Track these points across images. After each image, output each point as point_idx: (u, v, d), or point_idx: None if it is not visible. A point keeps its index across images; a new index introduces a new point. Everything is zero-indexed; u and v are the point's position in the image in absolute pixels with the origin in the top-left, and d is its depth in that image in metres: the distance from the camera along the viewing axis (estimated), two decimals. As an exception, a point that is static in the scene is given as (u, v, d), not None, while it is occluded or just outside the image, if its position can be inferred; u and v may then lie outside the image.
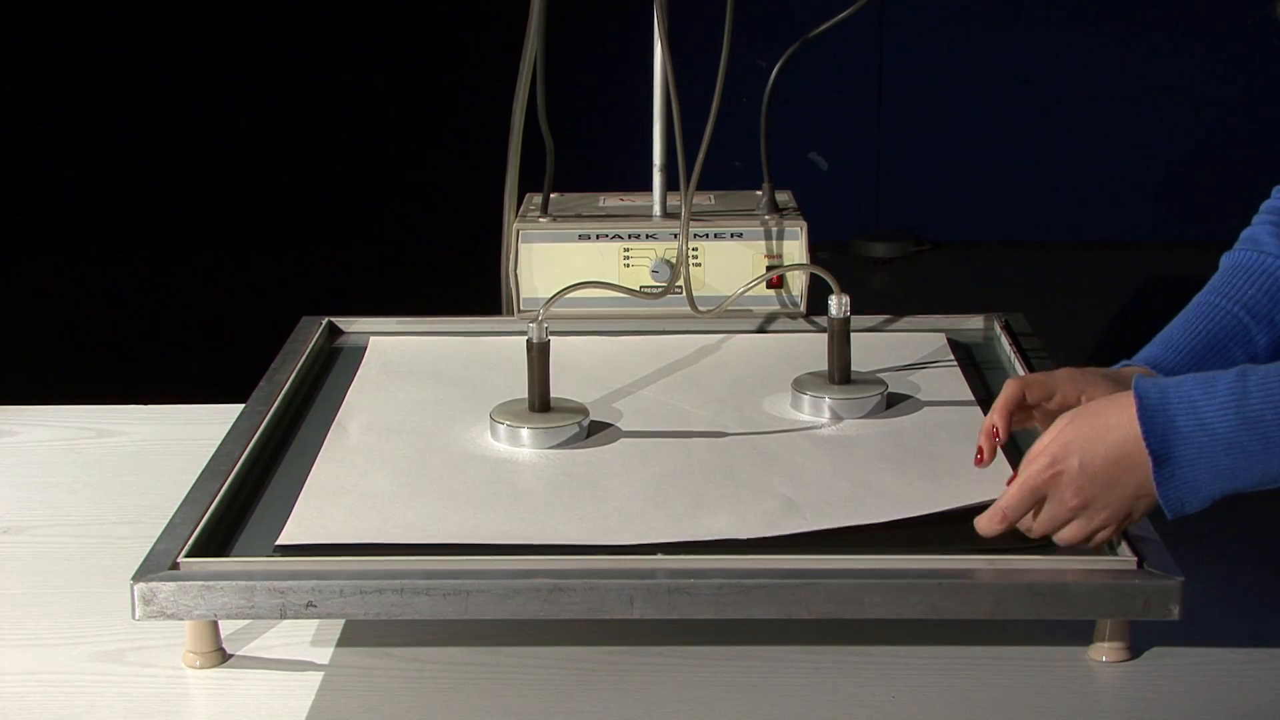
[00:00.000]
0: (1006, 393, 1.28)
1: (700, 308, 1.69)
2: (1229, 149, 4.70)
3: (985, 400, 1.52)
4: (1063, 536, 1.20)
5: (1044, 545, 1.22)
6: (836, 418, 1.47)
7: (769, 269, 1.71)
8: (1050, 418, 1.25)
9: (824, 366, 1.52)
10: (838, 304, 1.50)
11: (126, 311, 4.30)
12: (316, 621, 1.30)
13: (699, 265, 1.72)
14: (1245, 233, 1.43)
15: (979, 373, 1.62)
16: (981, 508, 1.22)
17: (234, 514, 1.32)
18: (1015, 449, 1.34)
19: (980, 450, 1.27)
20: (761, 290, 1.72)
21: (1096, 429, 1.18)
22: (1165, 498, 1.17)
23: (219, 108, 4.78)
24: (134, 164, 4.80)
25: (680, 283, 1.69)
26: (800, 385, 1.51)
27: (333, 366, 1.66)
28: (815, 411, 1.48)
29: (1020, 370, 1.57)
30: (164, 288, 4.48)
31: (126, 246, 4.68)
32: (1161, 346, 1.36)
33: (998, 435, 1.26)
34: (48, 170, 4.79)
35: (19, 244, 4.66)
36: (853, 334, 1.50)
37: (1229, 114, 4.59)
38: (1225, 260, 1.42)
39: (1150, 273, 4.11)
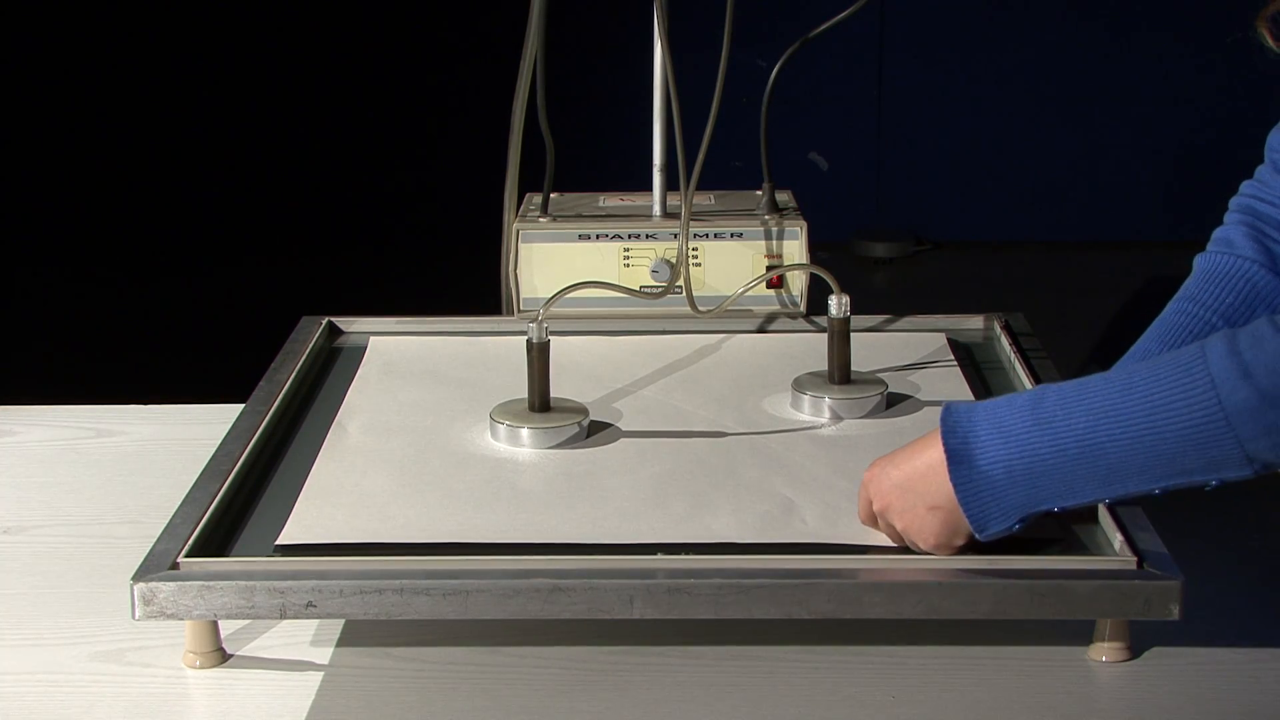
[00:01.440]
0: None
1: (700, 308, 1.69)
2: (1228, 149, 4.70)
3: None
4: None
5: (1044, 545, 1.22)
6: (836, 418, 1.47)
7: (769, 269, 1.71)
8: None
9: (824, 366, 1.52)
10: (838, 304, 1.50)
11: (127, 311, 4.30)
12: (316, 621, 1.30)
13: (699, 265, 1.72)
14: (1218, 233, 1.41)
15: (979, 373, 1.62)
16: None
17: (234, 514, 1.32)
18: None
19: None
20: (761, 290, 1.72)
21: (908, 450, 1.22)
22: (965, 502, 1.16)
23: (219, 108, 4.78)
24: (134, 164, 4.80)
25: (680, 283, 1.69)
26: (800, 385, 1.51)
27: (333, 366, 1.66)
28: (815, 411, 1.48)
29: (1022, 371, 1.56)
30: (164, 288, 4.48)
31: (126, 246, 4.68)
32: (1139, 359, 1.34)
33: None
34: (48, 170, 4.79)
35: (19, 244, 4.66)
36: (853, 334, 1.50)
37: (1228, 114, 4.59)
38: (1199, 263, 1.40)
39: (1150, 273, 4.11)
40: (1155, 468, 1.11)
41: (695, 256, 1.72)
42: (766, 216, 1.74)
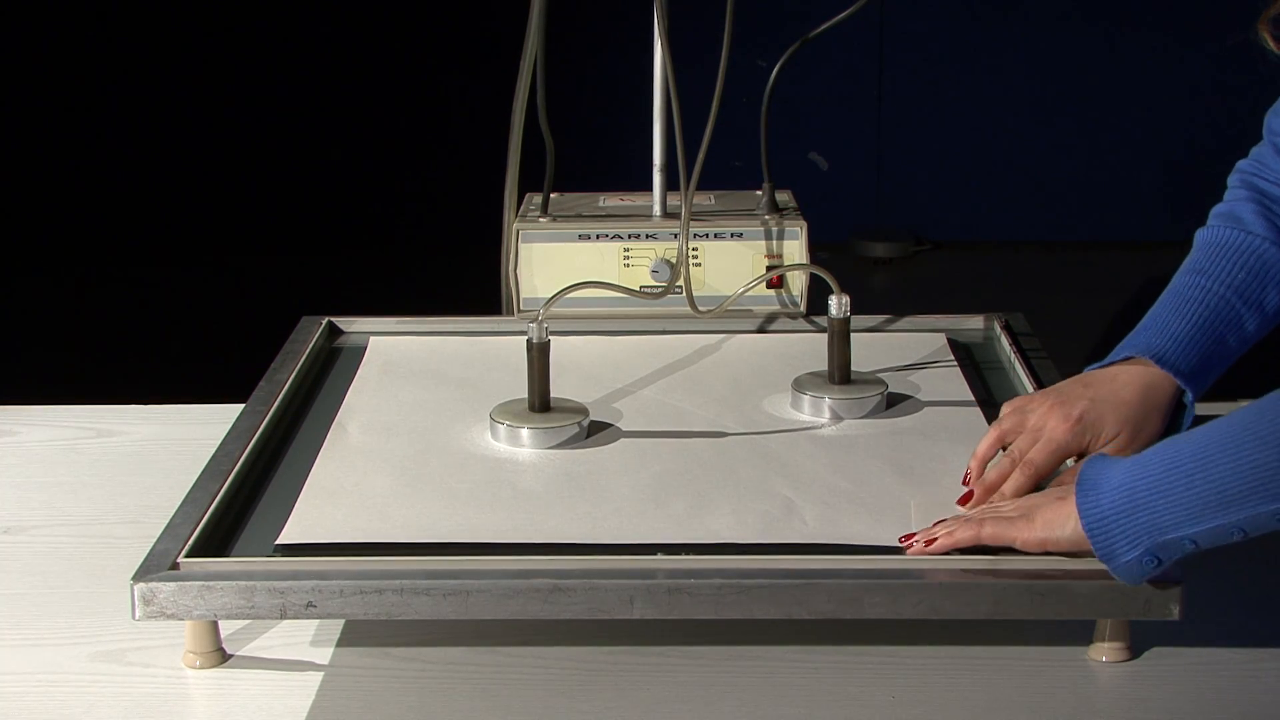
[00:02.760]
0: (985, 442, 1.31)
1: (700, 308, 1.69)
2: (1228, 149, 4.69)
3: (985, 400, 1.52)
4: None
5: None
6: (836, 418, 1.47)
7: (769, 269, 1.71)
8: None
9: (824, 366, 1.52)
10: (838, 304, 1.50)
11: (127, 311, 4.30)
12: (316, 621, 1.30)
13: (699, 265, 1.72)
14: (1220, 209, 1.40)
15: (979, 373, 1.62)
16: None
17: (234, 514, 1.32)
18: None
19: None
20: (761, 290, 1.72)
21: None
22: (1090, 529, 1.15)
23: (219, 108, 4.78)
24: (134, 164, 4.79)
25: (680, 283, 1.69)
26: (800, 385, 1.51)
27: (333, 366, 1.66)
28: (815, 411, 1.48)
29: (1022, 371, 1.56)
30: (164, 288, 4.48)
31: (127, 247, 4.68)
32: (1159, 335, 1.34)
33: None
34: (48, 171, 4.79)
35: (20, 245, 4.66)
36: (853, 334, 1.50)
37: (1228, 114, 4.59)
38: (1204, 237, 1.39)
39: (1150, 273, 4.10)
40: (1267, 487, 1.09)
41: (695, 256, 1.72)
42: (766, 216, 1.74)
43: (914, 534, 1.23)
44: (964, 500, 1.28)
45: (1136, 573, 1.15)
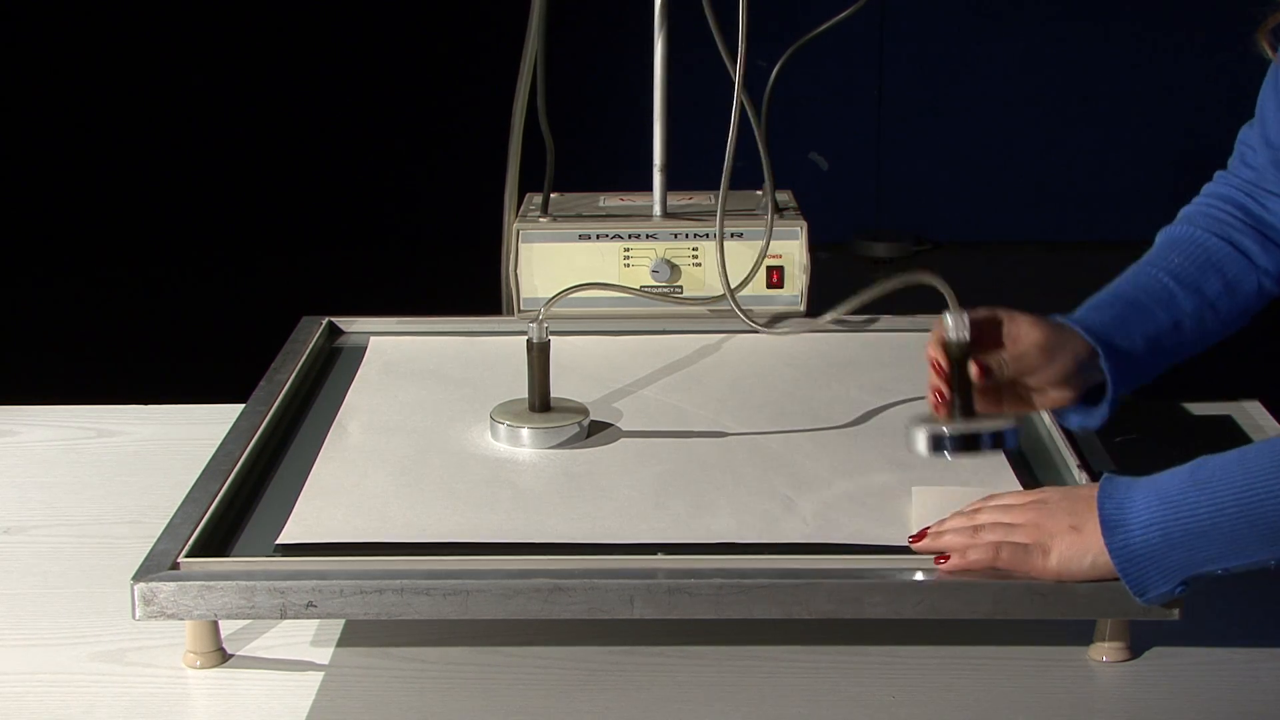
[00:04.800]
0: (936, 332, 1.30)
1: (700, 308, 1.69)
2: (1228, 150, 4.70)
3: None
4: (947, 525, 1.21)
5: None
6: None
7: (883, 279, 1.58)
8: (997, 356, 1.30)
9: (823, 366, 1.51)
10: (957, 324, 1.29)
11: (127, 312, 4.30)
12: (316, 621, 1.30)
13: (699, 265, 1.72)
14: (1183, 210, 1.45)
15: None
16: None
17: (234, 514, 1.32)
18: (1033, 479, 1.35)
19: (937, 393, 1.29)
20: (762, 290, 1.72)
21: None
22: (1122, 568, 1.14)
23: (219, 109, 4.78)
24: (135, 164, 4.80)
25: (680, 282, 1.69)
26: (920, 425, 1.27)
27: (333, 366, 1.66)
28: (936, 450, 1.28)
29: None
30: (164, 288, 4.48)
31: (127, 247, 4.68)
32: (1086, 308, 1.38)
33: (937, 368, 1.28)
34: (48, 171, 4.79)
35: (20, 245, 4.66)
36: (852, 334, 1.50)
37: (1229, 114, 4.59)
38: (1159, 236, 1.44)
39: (1150, 273, 4.10)
40: None
41: (695, 256, 1.72)
42: (766, 216, 1.74)
43: (924, 531, 1.22)
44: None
45: (1166, 600, 1.16)
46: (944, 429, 1.25)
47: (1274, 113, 1.38)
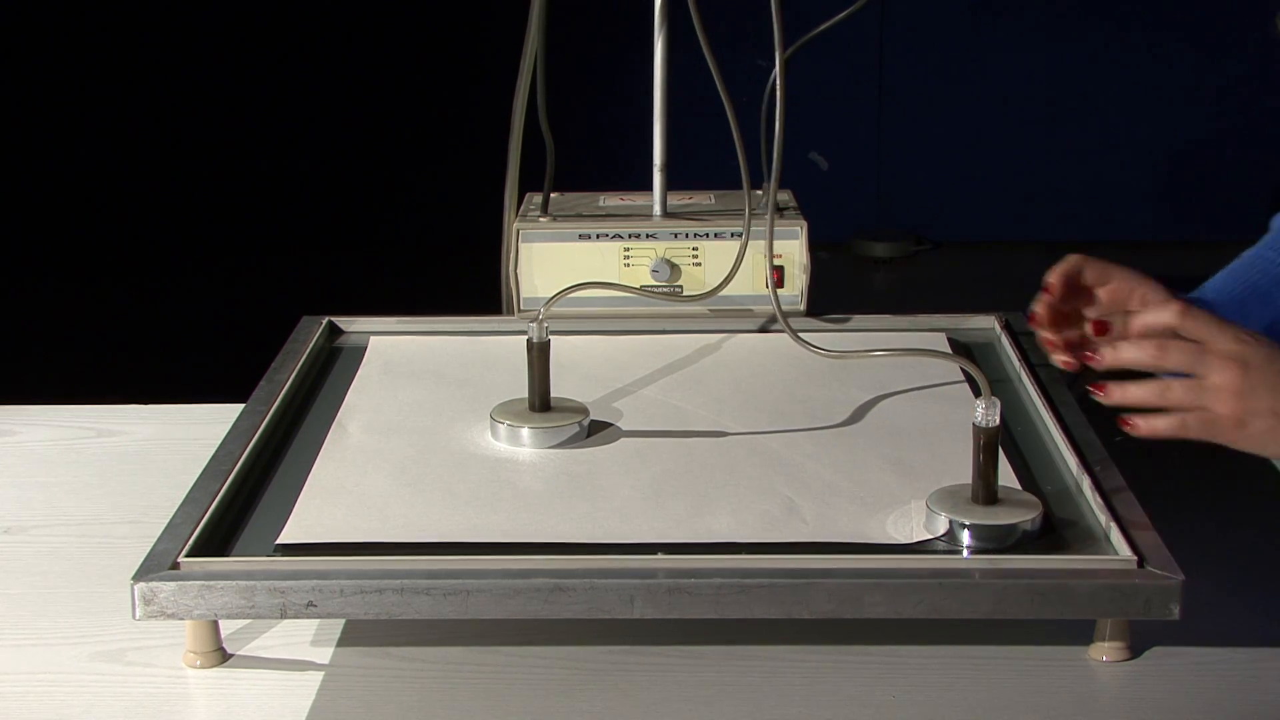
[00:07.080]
0: (1066, 263, 1.27)
1: (700, 307, 1.69)
2: (1229, 149, 4.70)
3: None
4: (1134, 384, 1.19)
5: (1043, 545, 1.22)
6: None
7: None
8: (1097, 308, 1.30)
9: (824, 367, 1.51)
10: (986, 410, 1.23)
11: (127, 311, 4.30)
12: (316, 621, 1.30)
13: (699, 265, 1.72)
14: None
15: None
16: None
17: (234, 514, 1.32)
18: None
19: (1033, 314, 1.30)
20: (761, 290, 1.72)
21: None
22: None
23: (219, 109, 4.78)
24: (135, 164, 4.80)
25: (680, 282, 1.69)
26: (937, 502, 1.26)
27: (333, 366, 1.66)
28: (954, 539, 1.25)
29: (1022, 371, 1.57)
30: (164, 288, 4.48)
31: (127, 247, 4.68)
32: (1205, 291, 1.38)
33: (1050, 292, 1.29)
34: (48, 171, 4.79)
35: (20, 245, 4.66)
36: (852, 334, 1.50)
37: (1229, 114, 4.59)
38: (1275, 221, 1.43)
39: (1150, 273, 4.11)
40: None
41: (695, 256, 1.72)
42: (766, 216, 1.74)
43: (1106, 384, 1.20)
44: (1098, 329, 1.26)
45: None
46: (965, 520, 1.22)
47: None
